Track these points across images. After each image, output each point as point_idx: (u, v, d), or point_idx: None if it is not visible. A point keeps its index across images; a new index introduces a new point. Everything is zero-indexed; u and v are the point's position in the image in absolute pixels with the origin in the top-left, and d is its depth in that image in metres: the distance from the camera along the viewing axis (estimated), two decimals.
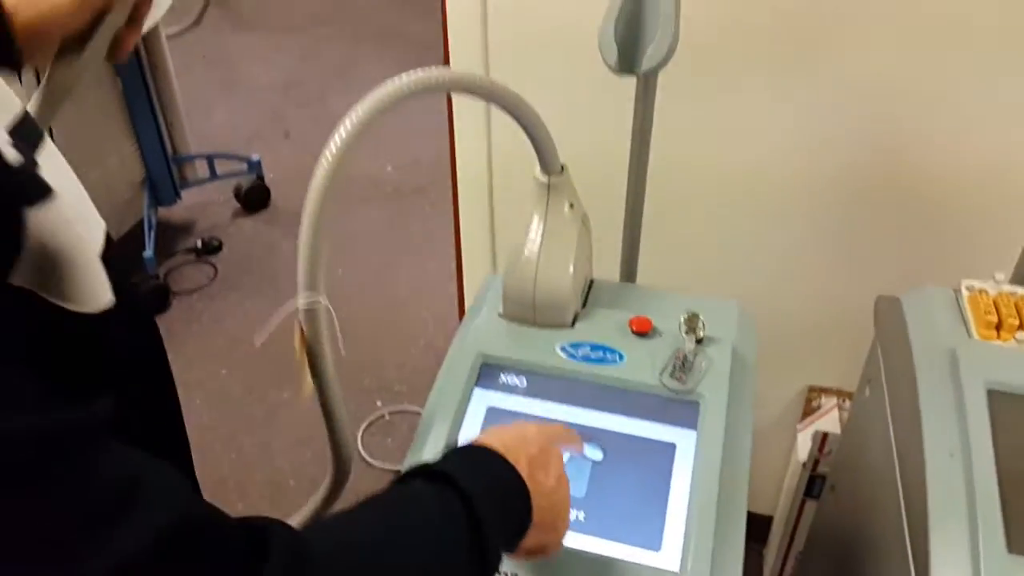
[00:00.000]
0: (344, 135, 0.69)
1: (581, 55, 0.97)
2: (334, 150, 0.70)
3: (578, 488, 0.78)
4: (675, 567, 0.73)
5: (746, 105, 1.24)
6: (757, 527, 1.67)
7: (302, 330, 0.75)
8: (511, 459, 0.60)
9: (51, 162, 0.39)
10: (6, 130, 0.37)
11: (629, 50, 0.91)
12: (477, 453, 0.61)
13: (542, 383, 0.87)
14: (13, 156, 0.36)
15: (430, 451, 0.82)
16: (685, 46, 0.91)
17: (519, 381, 0.88)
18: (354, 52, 3.76)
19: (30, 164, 0.37)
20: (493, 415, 0.85)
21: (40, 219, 0.35)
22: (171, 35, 2.62)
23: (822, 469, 1.40)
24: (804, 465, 1.43)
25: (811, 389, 1.50)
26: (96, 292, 0.38)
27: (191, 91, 3.40)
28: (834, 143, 1.24)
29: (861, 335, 1.14)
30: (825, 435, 1.38)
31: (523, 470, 0.60)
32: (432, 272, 2.50)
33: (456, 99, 1.38)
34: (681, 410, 0.85)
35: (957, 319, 0.99)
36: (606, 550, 0.75)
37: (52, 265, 0.36)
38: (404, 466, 0.82)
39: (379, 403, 2.05)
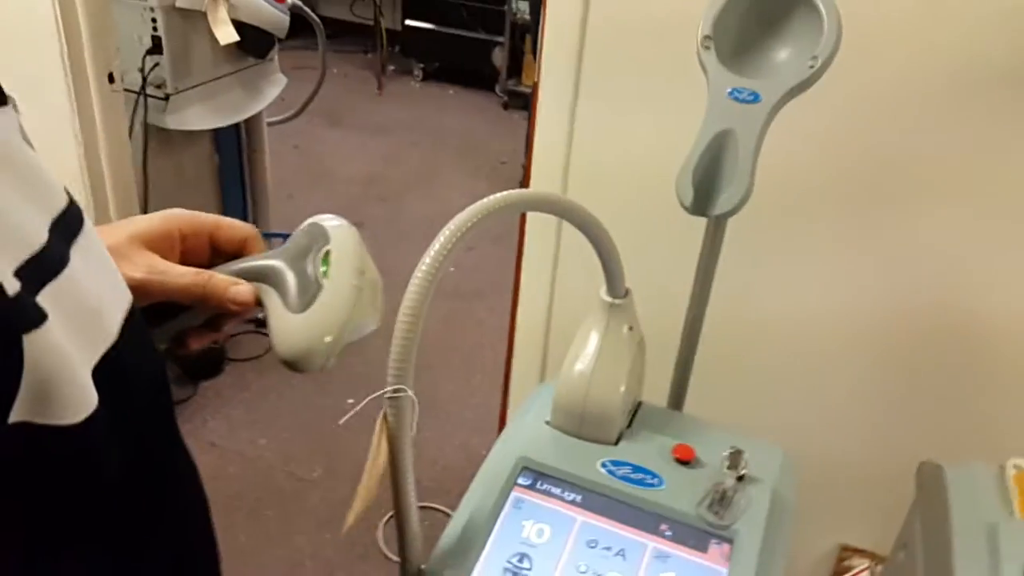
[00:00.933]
0: (446, 238, 0.75)
1: (656, 190, 1.04)
2: (437, 248, 0.75)
3: None
4: None
5: (806, 259, 1.29)
6: None
7: (386, 420, 0.75)
8: None
9: (84, 249, 0.38)
10: (14, 266, 0.34)
11: (704, 194, 0.97)
12: None
13: (580, 494, 0.89)
14: (11, 287, 0.33)
15: (460, 548, 0.84)
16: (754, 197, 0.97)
17: (557, 489, 0.90)
18: (435, 159, 3.97)
19: (30, 292, 0.35)
20: (526, 509, 0.87)
21: (35, 344, 0.33)
22: (272, 123, 2.81)
23: None
24: None
25: (844, 548, 1.47)
26: (82, 400, 0.36)
27: (279, 175, 3.61)
28: (891, 303, 1.27)
29: (900, 499, 1.14)
30: None
31: None
32: (479, 376, 2.55)
33: (530, 217, 1.46)
34: (715, 544, 0.85)
35: (1002, 497, 0.99)
36: None
37: (46, 389, 0.34)
38: (428, 563, 0.85)
39: None
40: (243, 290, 0.61)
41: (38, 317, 0.34)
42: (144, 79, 2.11)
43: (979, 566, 0.90)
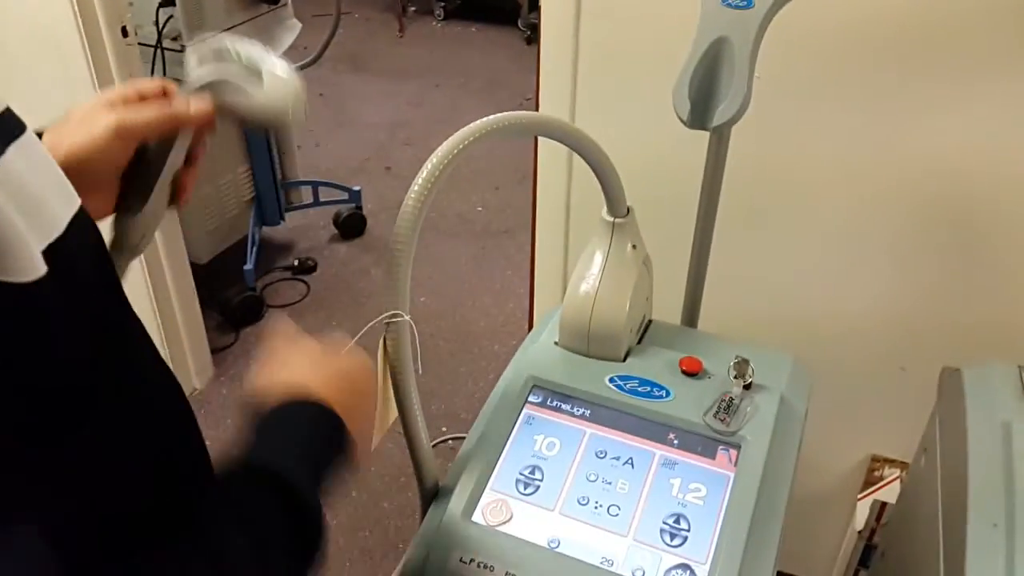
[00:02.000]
0: (433, 166, 0.76)
1: (659, 109, 1.03)
2: (424, 176, 0.76)
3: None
4: None
5: (819, 163, 1.26)
6: None
7: (385, 345, 0.79)
8: (323, 397, 0.62)
9: (23, 152, 0.41)
10: None
11: (701, 107, 0.96)
12: (290, 416, 0.62)
13: (588, 408, 0.92)
14: None
15: (475, 463, 0.87)
16: (759, 95, 0.96)
17: (567, 405, 0.92)
18: (459, 99, 3.94)
19: None
20: (536, 424, 0.90)
21: None
22: None
23: (878, 539, 1.38)
24: (860, 534, 1.41)
25: (874, 459, 1.48)
26: (29, 263, 0.40)
27: (306, 123, 3.63)
28: (909, 206, 1.24)
29: (927, 408, 1.14)
30: (883, 505, 1.36)
31: (336, 406, 0.62)
32: (509, 310, 2.58)
33: (541, 148, 1.46)
34: (722, 451, 0.87)
35: (1018, 395, 0.98)
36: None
37: None
38: (445, 479, 0.88)
39: (444, 429, 2.11)
40: (201, 100, 0.65)
41: None
42: (159, 32, 2.13)
43: (993, 463, 0.90)
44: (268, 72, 0.67)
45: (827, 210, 1.30)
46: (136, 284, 2.00)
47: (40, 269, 0.40)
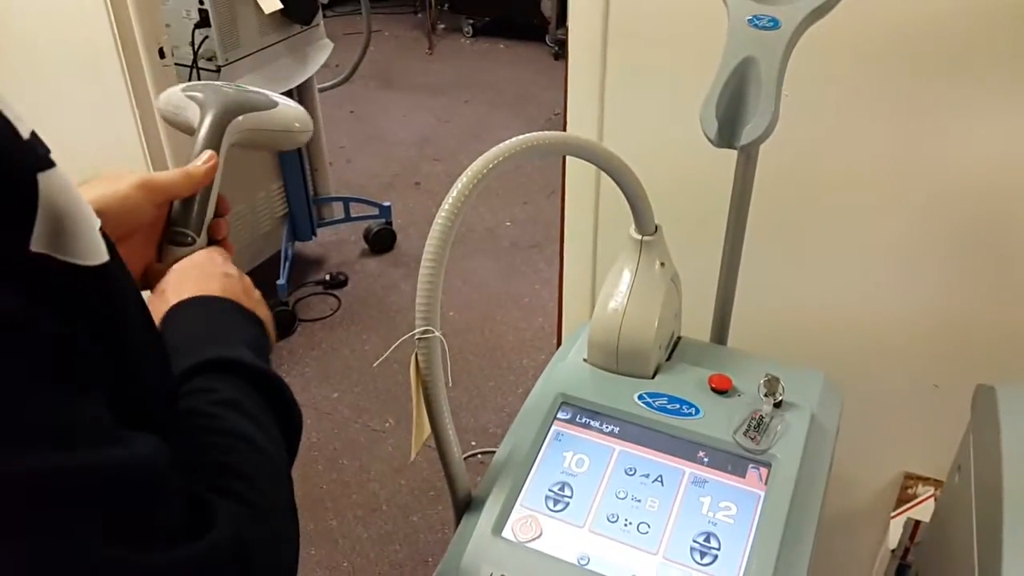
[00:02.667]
0: (463, 185, 0.78)
1: (687, 127, 1.03)
2: (455, 195, 0.78)
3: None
4: None
5: (850, 182, 1.26)
6: None
7: (417, 361, 0.81)
8: (237, 299, 0.67)
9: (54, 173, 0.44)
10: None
11: (729, 126, 0.96)
12: (221, 313, 0.66)
13: (617, 426, 0.92)
14: (24, 129, 0.40)
15: (505, 480, 0.88)
16: (788, 111, 0.96)
17: (596, 422, 0.93)
18: (488, 115, 3.98)
19: (37, 138, 0.42)
20: (566, 441, 0.91)
21: (49, 183, 0.40)
22: (323, 89, 2.87)
23: (911, 558, 1.36)
24: (893, 553, 1.39)
25: (907, 476, 1.46)
26: (97, 248, 0.42)
27: (337, 140, 3.69)
28: (940, 223, 1.24)
29: (962, 425, 1.12)
30: (917, 524, 1.35)
31: (246, 303, 0.67)
32: (538, 324, 2.59)
33: (569, 165, 1.47)
34: (752, 469, 0.87)
35: None
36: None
37: (62, 224, 0.40)
38: (476, 492, 0.89)
39: (474, 443, 2.13)
40: (203, 157, 0.71)
41: (49, 161, 0.40)
42: (195, 52, 2.19)
43: None
44: (277, 97, 0.75)
45: (858, 226, 1.29)
46: None
47: (105, 254, 0.43)
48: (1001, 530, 0.85)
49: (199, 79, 2.22)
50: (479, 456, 2.08)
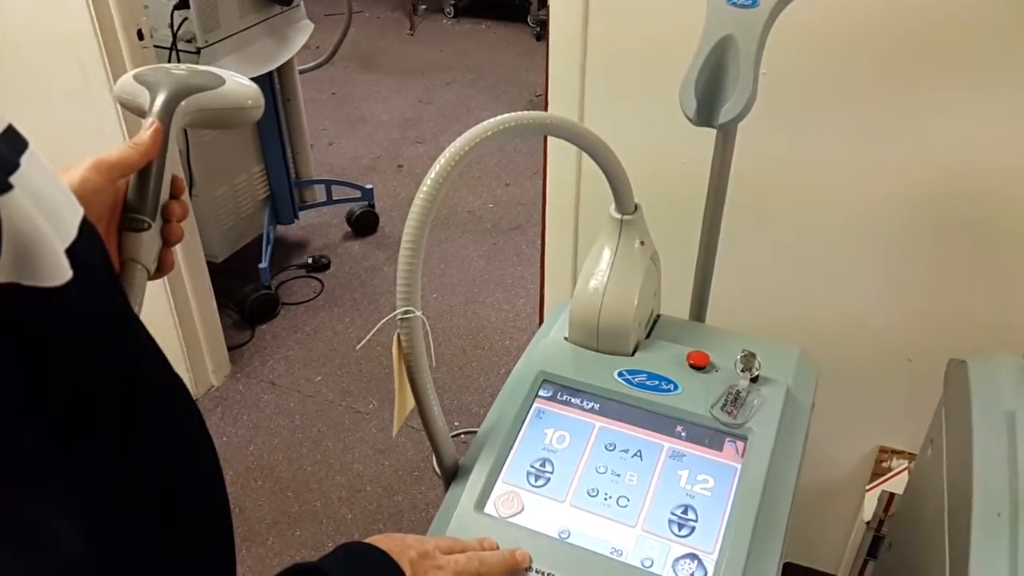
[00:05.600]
0: (442, 166, 0.78)
1: (667, 106, 1.04)
2: (433, 176, 0.79)
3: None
4: None
5: (825, 156, 1.28)
6: None
7: (399, 340, 0.82)
8: (395, 556, 0.69)
9: (33, 163, 0.43)
10: None
11: (708, 104, 0.97)
12: (358, 552, 0.69)
13: (597, 402, 0.94)
14: None
15: (487, 457, 0.89)
16: (766, 92, 0.97)
17: (576, 399, 0.94)
18: (470, 96, 3.97)
19: (11, 135, 0.41)
20: (547, 418, 0.92)
21: (10, 209, 0.38)
22: (304, 71, 2.85)
23: (886, 530, 1.39)
24: (868, 525, 1.42)
25: (882, 450, 1.49)
26: (57, 270, 0.41)
27: (319, 123, 3.67)
28: (914, 199, 1.25)
29: (936, 399, 1.15)
30: (891, 496, 1.38)
31: (405, 569, 0.69)
32: (520, 305, 2.60)
33: (550, 144, 1.47)
34: (729, 443, 0.89)
35: (1022, 386, 0.99)
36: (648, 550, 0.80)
37: (26, 252, 0.39)
38: (465, 460, 0.91)
39: (457, 423, 2.14)
40: (145, 124, 0.70)
41: (5, 184, 0.39)
42: (174, 34, 2.16)
43: (998, 454, 0.91)
44: (227, 76, 0.75)
45: (834, 205, 1.31)
46: (154, 284, 2.03)
47: (67, 273, 0.41)
48: (971, 502, 0.87)
49: (179, 61, 2.20)
50: (462, 436, 2.10)
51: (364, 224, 2.95)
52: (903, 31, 1.15)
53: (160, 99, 0.71)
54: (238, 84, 0.76)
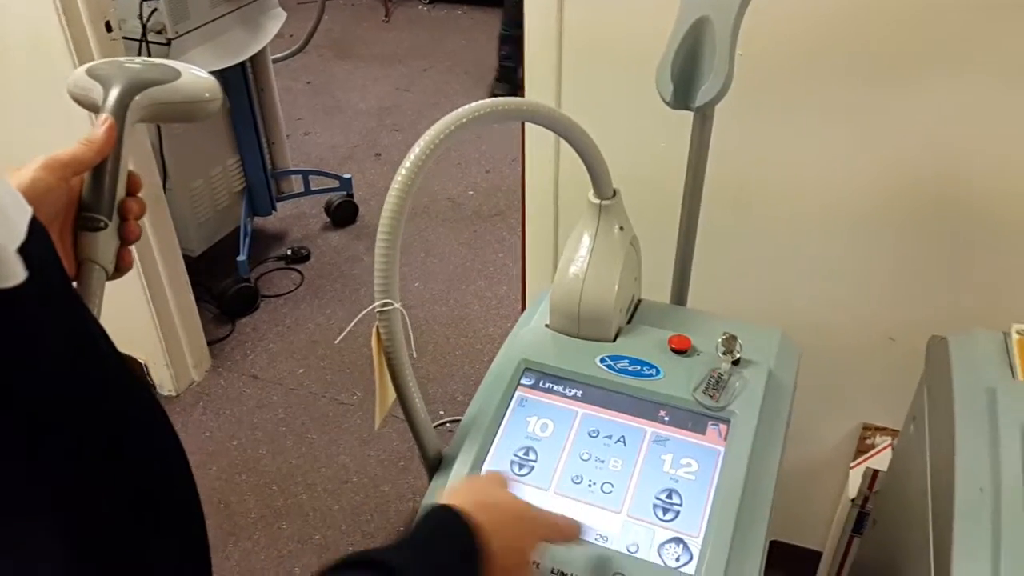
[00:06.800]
0: (417, 154, 0.77)
1: (644, 91, 1.03)
2: (408, 165, 0.77)
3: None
4: (691, 571, 0.77)
5: (803, 138, 1.27)
6: (806, 562, 1.67)
7: (379, 333, 0.81)
8: (491, 565, 0.60)
9: None
10: None
11: (684, 87, 0.96)
12: (451, 541, 0.61)
13: (580, 389, 0.93)
14: None
15: (469, 447, 0.88)
16: (741, 80, 0.96)
17: (559, 386, 0.94)
18: (448, 83, 3.94)
19: None
20: (529, 406, 0.92)
21: None
22: (277, 60, 2.81)
23: (870, 506, 1.40)
24: (853, 502, 1.43)
25: (865, 427, 1.50)
26: (10, 270, 0.40)
27: (295, 112, 3.63)
28: (887, 180, 1.26)
29: (918, 376, 1.15)
30: (875, 473, 1.39)
31: (494, 558, 0.61)
32: (503, 292, 2.59)
33: (528, 130, 1.46)
34: (712, 426, 0.89)
35: (1003, 361, 1.00)
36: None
37: None
38: (448, 450, 0.90)
39: (442, 412, 2.14)
40: (99, 120, 0.69)
41: None
42: (144, 26, 2.12)
43: (979, 429, 0.92)
44: (184, 68, 0.74)
45: (814, 188, 1.31)
46: (130, 278, 2.01)
47: (21, 274, 0.40)
48: (953, 477, 0.88)
49: (148, 54, 2.16)
50: (447, 425, 2.09)
51: (343, 214, 2.92)
52: (881, 16, 1.14)
53: (113, 94, 0.70)
54: (195, 77, 0.74)
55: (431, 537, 0.62)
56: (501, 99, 0.82)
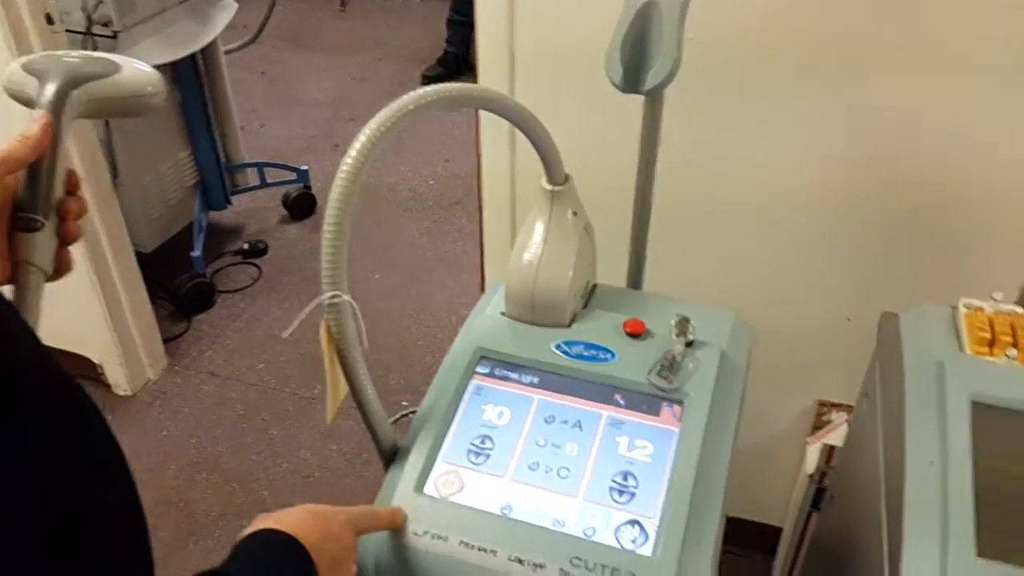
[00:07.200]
0: (363, 143, 0.76)
1: (597, 76, 1.03)
2: (353, 155, 0.76)
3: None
4: (647, 552, 0.78)
5: (754, 123, 1.28)
6: (767, 538, 1.69)
7: (328, 326, 0.80)
8: (315, 557, 0.66)
9: None
10: None
11: (633, 70, 0.96)
12: (277, 549, 0.66)
13: (536, 376, 0.93)
14: None
15: (425, 437, 0.88)
16: (695, 64, 0.96)
17: (514, 374, 0.94)
18: (404, 72, 3.90)
19: None
20: (485, 395, 0.91)
21: None
22: (229, 50, 2.76)
23: (828, 482, 1.42)
24: (811, 478, 1.45)
25: (821, 404, 1.52)
26: None
27: (250, 104, 3.57)
28: (842, 161, 1.27)
29: (871, 352, 1.17)
30: (832, 448, 1.41)
31: (323, 571, 0.66)
32: (465, 281, 2.58)
33: (483, 119, 1.45)
34: (667, 407, 0.89)
35: (951, 335, 1.01)
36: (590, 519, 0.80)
37: None
38: (404, 441, 0.89)
39: (405, 402, 2.12)
40: (35, 116, 0.67)
41: None
42: (88, 18, 2.07)
43: (928, 403, 0.93)
44: (125, 62, 0.72)
45: (766, 169, 1.32)
46: (81, 277, 1.96)
47: None
48: (904, 451, 0.89)
49: (94, 47, 2.11)
50: (410, 415, 2.08)
51: (301, 206, 2.88)
52: (830, 4, 1.15)
53: (50, 89, 0.67)
54: (136, 71, 0.72)
55: (260, 549, 0.67)
56: (448, 85, 0.81)
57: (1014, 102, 1.15)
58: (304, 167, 2.87)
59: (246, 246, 2.70)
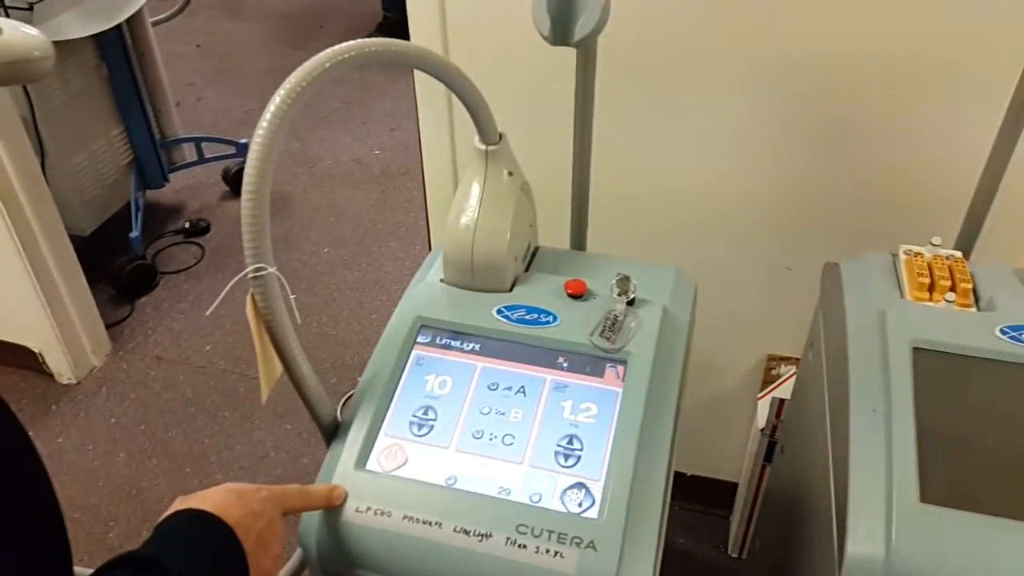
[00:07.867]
0: (277, 106, 0.72)
1: (528, 31, 1.00)
2: (268, 118, 0.73)
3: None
4: (593, 515, 0.77)
5: (692, 72, 1.26)
6: (724, 494, 1.71)
7: (254, 300, 0.77)
8: (240, 534, 0.65)
9: None
10: None
11: (561, 22, 0.93)
12: (199, 528, 0.65)
13: (478, 343, 0.91)
14: None
15: (366, 411, 0.85)
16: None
17: (456, 342, 0.91)
18: (345, 40, 3.79)
19: None
20: (427, 365, 0.89)
21: None
22: (158, 21, 2.65)
23: (779, 435, 1.43)
24: (763, 432, 1.46)
25: (770, 358, 1.53)
26: None
27: (186, 77, 3.45)
28: (785, 95, 1.25)
29: (815, 304, 1.17)
30: (782, 402, 1.42)
31: (248, 547, 0.65)
32: (416, 251, 2.55)
33: (420, 85, 1.41)
34: (610, 368, 0.88)
35: (892, 282, 1.02)
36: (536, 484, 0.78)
37: None
38: (342, 416, 0.87)
39: (359, 378, 2.09)
40: None
41: None
42: None
43: (871, 351, 0.93)
44: (7, 25, 0.71)
45: (701, 116, 1.30)
46: (13, 264, 1.89)
47: None
48: (848, 399, 0.89)
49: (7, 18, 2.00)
50: None
51: (241, 181, 2.80)
52: None
53: None
54: (21, 34, 0.68)
55: (181, 527, 0.64)
56: (366, 40, 0.77)
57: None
58: (243, 140, 2.79)
59: (187, 224, 2.63)
